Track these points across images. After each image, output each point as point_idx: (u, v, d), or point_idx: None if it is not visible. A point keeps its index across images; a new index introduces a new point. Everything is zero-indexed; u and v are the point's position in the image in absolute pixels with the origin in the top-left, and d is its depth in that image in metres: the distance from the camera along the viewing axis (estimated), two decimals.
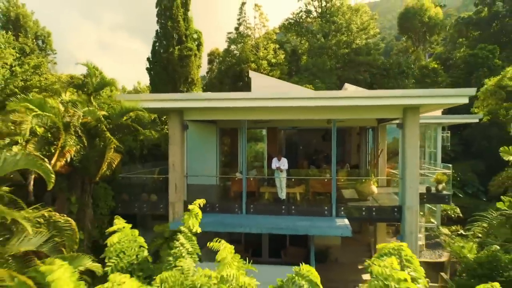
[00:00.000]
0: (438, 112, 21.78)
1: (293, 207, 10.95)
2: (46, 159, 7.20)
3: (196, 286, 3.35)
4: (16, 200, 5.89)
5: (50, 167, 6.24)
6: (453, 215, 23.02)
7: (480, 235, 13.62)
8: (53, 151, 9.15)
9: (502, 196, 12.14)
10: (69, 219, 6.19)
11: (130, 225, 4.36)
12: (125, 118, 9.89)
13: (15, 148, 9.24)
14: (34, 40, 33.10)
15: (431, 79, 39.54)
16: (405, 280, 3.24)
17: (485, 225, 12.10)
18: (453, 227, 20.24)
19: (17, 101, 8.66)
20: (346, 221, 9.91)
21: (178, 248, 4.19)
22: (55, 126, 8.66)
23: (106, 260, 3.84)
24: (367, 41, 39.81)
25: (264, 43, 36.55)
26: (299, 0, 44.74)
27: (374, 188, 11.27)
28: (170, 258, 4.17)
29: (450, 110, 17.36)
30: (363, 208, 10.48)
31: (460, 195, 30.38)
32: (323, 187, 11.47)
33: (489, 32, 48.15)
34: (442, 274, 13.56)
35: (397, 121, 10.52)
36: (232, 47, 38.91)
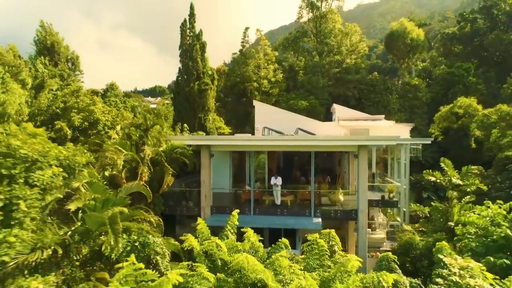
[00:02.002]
0: (407, 132, 26.93)
1: (285, 210, 16.04)
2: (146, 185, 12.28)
3: (238, 245, 8.41)
4: (138, 206, 10.84)
5: (149, 190, 11.30)
6: (421, 215, 28.17)
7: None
8: (128, 174, 14.23)
9: (432, 202, 17.24)
10: (159, 218, 11.20)
11: (204, 221, 9.38)
12: (174, 152, 14.96)
13: (106, 173, 14.35)
14: (66, 63, 38.10)
15: (412, 94, 44.59)
16: (322, 244, 8.30)
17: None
18: (416, 225, 25.28)
19: (110, 144, 13.74)
20: (319, 219, 14.99)
21: (226, 232, 9.28)
22: (134, 160, 13.73)
23: (199, 237, 8.86)
24: (356, 60, 44.74)
25: (265, 64, 41.55)
26: (297, 21, 49.85)
27: (340, 197, 16.34)
28: (224, 237, 9.26)
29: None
30: (332, 211, 15.58)
31: (433, 197, 35.47)
32: (306, 196, 16.55)
33: (472, 47, 52.42)
34: None
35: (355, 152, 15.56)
36: (237, 61, 43.82)
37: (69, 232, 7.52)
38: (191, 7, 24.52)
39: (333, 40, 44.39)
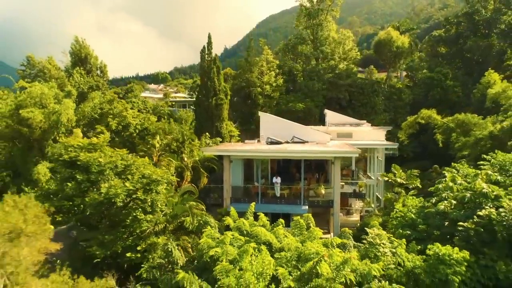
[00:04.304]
0: (383, 134, 33.32)
1: (283, 200, 22.69)
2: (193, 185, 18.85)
3: (255, 223, 15.02)
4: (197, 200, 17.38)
5: (196, 188, 17.84)
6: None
7: None
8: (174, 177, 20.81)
9: (389, 193, 23.88)
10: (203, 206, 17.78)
11: (234, 208, 15.95)
12: (206, 160, 21.48)
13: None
14: (96, 71, 44.24)
15: (397, 96, 50.67)
16: (302, 222, 14.91)
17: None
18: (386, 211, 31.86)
19: (164, 156, 20.28)
20: (307, 207, 21.67)
21: (247, 215, 15.92)
22: (180, 166, 20.29)
23: (232, 218, 15.42)
24: (348, 66, 50.59)
25: (267, 71, 47.50)
26: (295, 28, 55.42)
27: (322, 191, 22.96)
28: (246, 218, 15.93)
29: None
30: (315, 201, 22.23)
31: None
32: (298, 190, 23.19)
33: (456, 48, 57.73)
34: None
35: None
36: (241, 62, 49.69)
37: (163, 215, 14.09)
38: (209, 36, 30.45)
39: (327, 48, 50.15)
